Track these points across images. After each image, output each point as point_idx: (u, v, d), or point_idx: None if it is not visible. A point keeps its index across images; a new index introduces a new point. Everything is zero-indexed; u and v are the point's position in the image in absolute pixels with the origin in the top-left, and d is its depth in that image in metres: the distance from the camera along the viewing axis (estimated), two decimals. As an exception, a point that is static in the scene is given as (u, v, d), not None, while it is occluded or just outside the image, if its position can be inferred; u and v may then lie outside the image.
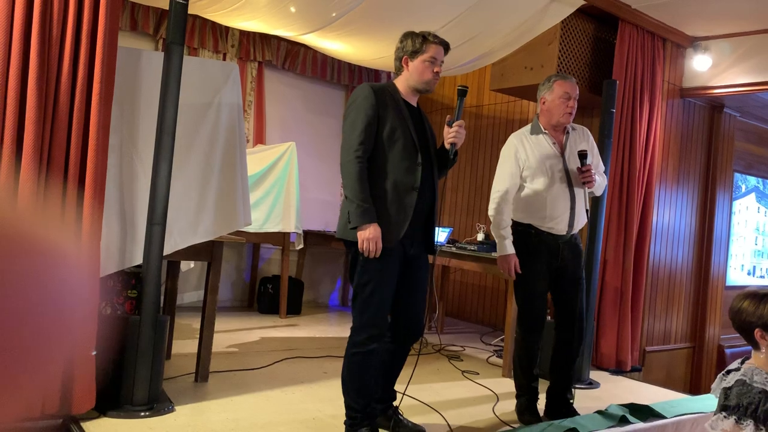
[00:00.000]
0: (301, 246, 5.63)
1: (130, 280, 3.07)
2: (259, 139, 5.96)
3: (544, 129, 3.24)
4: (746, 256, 6.42)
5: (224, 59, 5.68)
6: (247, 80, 5.86)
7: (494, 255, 4.41)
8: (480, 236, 4.94)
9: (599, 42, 4.98)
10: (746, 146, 6.16)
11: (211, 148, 3.24)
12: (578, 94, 3.27)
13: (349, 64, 6.34)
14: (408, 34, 2.75)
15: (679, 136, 5.30)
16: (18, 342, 0.42)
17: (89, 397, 2.59)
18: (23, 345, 0.43)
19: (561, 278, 3.23)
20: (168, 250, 2.98)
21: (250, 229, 4.59)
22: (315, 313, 5.91)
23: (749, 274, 6.48)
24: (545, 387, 3.35)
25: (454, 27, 4.15)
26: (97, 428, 2.60)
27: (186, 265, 4.69)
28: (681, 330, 5.43)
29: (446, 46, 2.75)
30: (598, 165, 3.41)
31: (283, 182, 5.30)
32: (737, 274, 6.25)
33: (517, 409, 3.28)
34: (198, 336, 3.37)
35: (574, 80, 3.28)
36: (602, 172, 3.45)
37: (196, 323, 4.16)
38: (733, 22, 4.83)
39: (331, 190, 6.52)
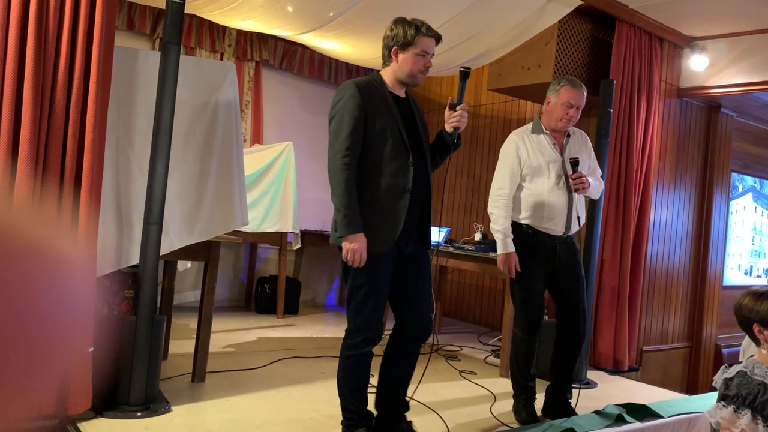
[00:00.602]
0: (299, 246, 5.63)
1: (126, 280, 3.06)
2: (257, 138, 5.96)
3: (545, 129, 3.24)
4: (743, 255, 6.43)
5: (221, 59, 5.68)
6: (244, 80, 5.86)
7: (492, 255, 4.41)
8: (477, 236, 4.94)
9: (596, 42, 4.98)
10: (743, 146, 6.17)
11: (208, 148, 3.24)
12: (583, 104, 3.22)
13: (347, 64, 6.34)
14: (399, 22, 2.59)
15: (677, 135, 5.31)
16: (17, 343, 0.42)
17: (86, 397, 2.58)
18: (22, 346, 0.42)
19: (560, 278, 3.23)
20: (165, 249, 2.97)
21: (248, 228, 4.58)
22: (312, 313, 5.90)
23: (746, 273, 6.49)
24: (542, 387, 3.35)
25: (451, 27, 4.15)
26: (93, 429, 2.59)
27: (183, 265, 4.68)
28: (678, 330, 5.44)
29: (438, 39, 2.63)
30: (596, 169, 3.41)
31: (280, 182, 5.30)
32: (734, 274, 6.26)
33: (514, 408, 3.28)
34: (195, 336, 3.36)
35: (583, 89, 3.22)
36: (599, 177, 3.43)
37: (193, 323, 4.16)
38: (730, 22, 4.84)
39: (328, 190, 6.43)
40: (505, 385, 3.65)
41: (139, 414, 2.75)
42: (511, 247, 3.16)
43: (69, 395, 2.52)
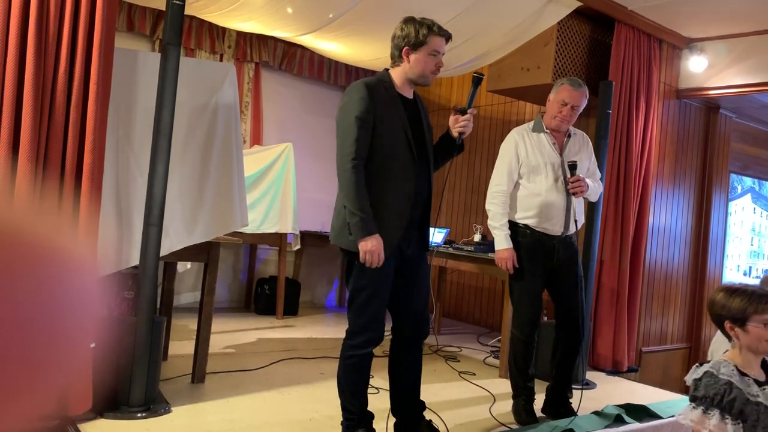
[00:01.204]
0: (298, 247, 5.63)
1: (126, 281, 3.07)
2: (256, 139, 5.96)
3: (546, 128, 3.24)
4: (742, 256, 6.44)
5: (221, 60, 5.68)
6: (244, 81, 5.86)
7: (491, 255, 4.41)
8: (477, 237, 4.94)
9: (595, 43, 4.99)
10: (742, 147, 6.18)
11: (208, 149, 3.24)
12: (581, 105, 3.21)
13: (346, 65, 6.35)
14: (410, 21, 2.59)
15: (675, 137, 5.32)
16: (19, 343, 0.42)
17: (86, 398, 2.58)
18: (24, 347, 0.42)
19: (558, 278, 3.23)
20: (165, 251, 2.97)
21: (247, 229, 4.58)
22: (312, 313, 5.91)
23: (745, 274, 6.50)
24: (542, 387, 3.36)
25: (450, 28, 4.09)
26: (93, 429, 2.59)
27: (183, 266, 4.68)
28: (677, 330, 5.45)
29: (449, 38, 2.64)
30: (595, 172, 3.41)
31: (280, 183, 5.30)
32: (733, 275, 6.27)
33: (513, 409, 3.29)
34: (195, 337, 3.37)
35: (584, 90, 3.22)
36: (598, 179, 3.43)
37: (192, 324, 4.16)
38: (728, 24, 4.85)
39: (328, 191, 6.51)
40: (505, 386, 3.65)
41: (139, 415, 2.75)
42: (507, 243, 3.16)
43: (69, 396, 2.52)
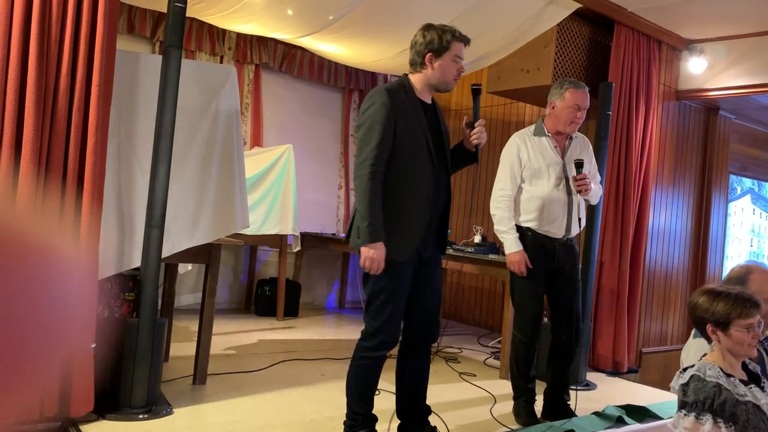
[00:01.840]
0: (299, 248, 5.64)
1: (127, 282, 3.07)
2: (257, 141, 5.97)
3: (547, 132, 3.25)
4: (742, 257, 6.44)
5: (221, 62, 5.69)
6: (244, 83, 5.87)
7: (491, 257, 4.42)
8: (477, 238, 4.95)
9: (595, 45, 5.00)
10: (741, 148, 6.19)
11: (209, 151, 3.25)
12: (588, 105, 3.24)
13: (346, 67, 6.35)
14: (431, 28, 2.60)
15: (675, 138, 5.33)
16: (16, 345, 0.42)
17: (88, 399, 2.59)
18: (22, 348, 0.43)
19: (557, 280, 3.24)
20: (166, 252, 2.98)
21: (248, 231, 4.59)
22: (312, 315, 5.91)
23: (745, 275, 6.50)
24: (542, 388, 3.36)
25: (450, 30, 4.15)
26: (95, 431, 2.60)
27: (183, 268, 4.69)
28: (677, 331, 5.45)
29: (468, 43, 2.65)
30: (595, 175, 3.42)
31: (280, 184, 5.31)
32: (733, 276, 6.27)
33: (514, 410, 3.29)
34: (196, 338, 3.37)
35: (587, 89, 3.24)
36: (598, 182, 3.44)
37: (193, 326, 4.16)
38: (728, 25, 4.86)
39: (328, 193, 6.53)
40: (505, 387, 3.66)
41: (140, 416, 2.76)
42: (519, 246, 3.16)
43: (71, 397, 2.53)
